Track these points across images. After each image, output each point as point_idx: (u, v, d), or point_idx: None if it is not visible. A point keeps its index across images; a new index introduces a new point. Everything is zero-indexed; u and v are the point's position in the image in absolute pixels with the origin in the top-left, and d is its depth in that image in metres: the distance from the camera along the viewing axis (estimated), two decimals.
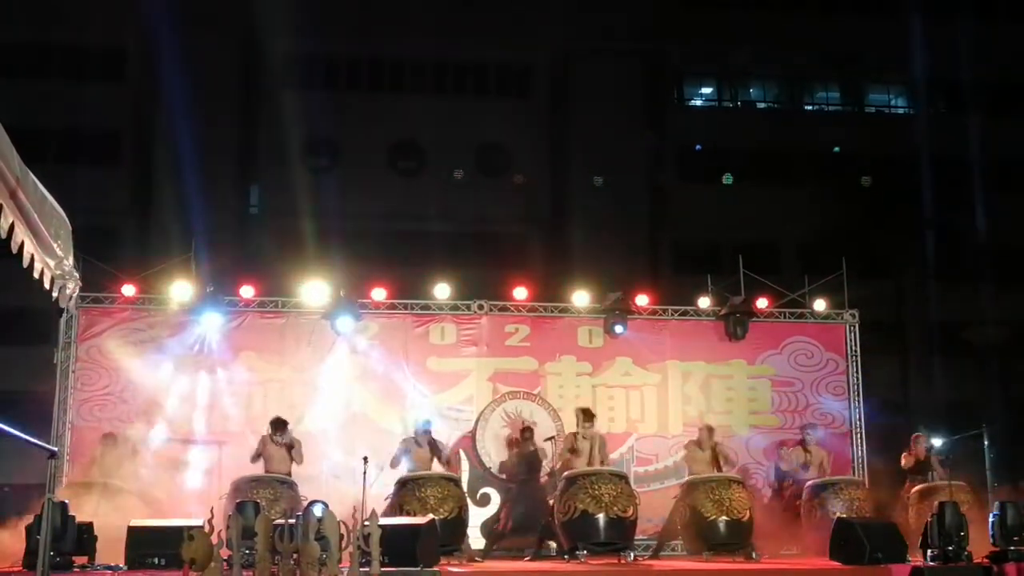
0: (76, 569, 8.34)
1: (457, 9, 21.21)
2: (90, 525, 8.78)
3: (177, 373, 11.84)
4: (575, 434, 10.60)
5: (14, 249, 4.55)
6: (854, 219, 21.57)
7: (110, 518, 9.21)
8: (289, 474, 10.47)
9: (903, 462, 11.51)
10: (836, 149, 23.30)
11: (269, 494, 9.82)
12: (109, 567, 8.49)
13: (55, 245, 4.99)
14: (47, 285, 5.35)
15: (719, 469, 10.75)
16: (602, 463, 10.28)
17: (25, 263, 4.81)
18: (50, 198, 4.79)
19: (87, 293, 11.19)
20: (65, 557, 8.21)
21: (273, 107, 21.19)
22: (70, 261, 5.36)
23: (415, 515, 9.10)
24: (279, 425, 10.57)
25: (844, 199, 22.23)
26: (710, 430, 11.15)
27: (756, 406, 12.82)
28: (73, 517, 8.53)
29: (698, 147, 23.21)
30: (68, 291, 5.53)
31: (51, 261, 5.10)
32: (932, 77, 23.78)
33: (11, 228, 4.33)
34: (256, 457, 10.52)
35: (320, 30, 20.72)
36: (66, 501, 8.65)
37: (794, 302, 13.21)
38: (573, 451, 10.39)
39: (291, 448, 10.52)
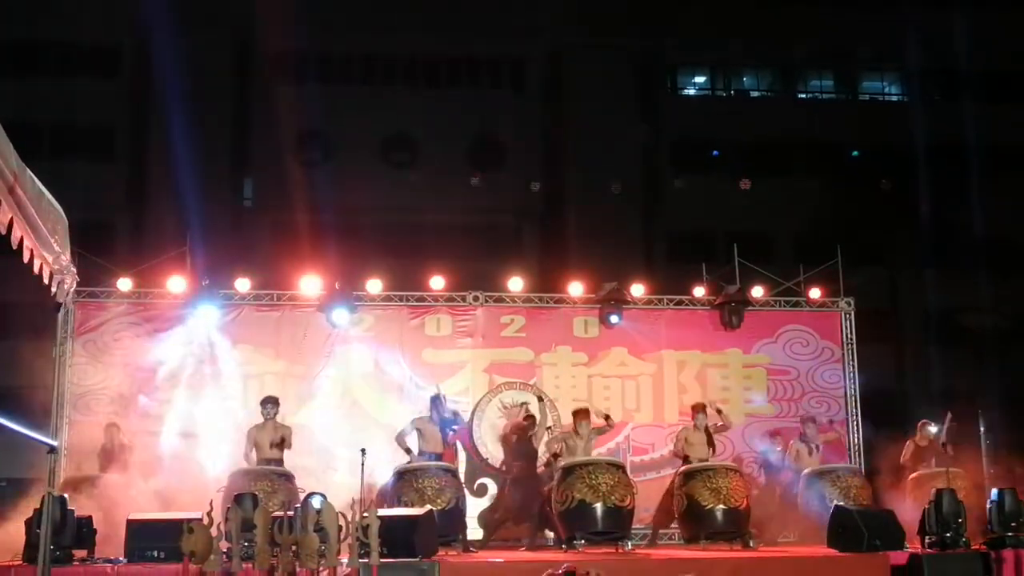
0: (76, 563, 8.35)
1: (449, 2, 21.15)
2: (89, 519, 8.80)
3: (173, 367, 11.85)
4: (569, 435, 10.61)
5: (14, 245, 4.56)
6: (848, 207, 21.60)
7: (108, 512, 9.22)
8: (281, 461, 10.45)
9: (904, 452, 11.50)
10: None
11: (266, 486, 9.81)
12: (109, 560, 8.49)
13: (52, 240, 4.99)
14: (46, 280, 5.35)
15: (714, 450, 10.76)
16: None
17: (25, 259, 4.82)
18: (47, 193, 4.79)
19: (83, 288, 11.16)
20: (65, 551, 8.21)
21: (266, 101, 21.13)
22: (67, 256, 5.36)
23: (413, 506, 9.12)
24: (269, 401, 10.53)
25: (838, 187, 22.24)
26: (703, 408, 11.06)
27: (752, 395, 12.86)
28: (72, 511, 8.54)
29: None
30: (66, 286, 5.53)
31: (49, 256, 5.10)
32: (926, 65, 23.78)
33: (10, 224, 4.33)
34: (249, 452, 10.48)
35: (313, 25, 20.65)
36: (65, 495, 8.65)
37: (789, 291, 13.23)
38: (568, 448, 10.40)
39: (283, 440, 10.48)
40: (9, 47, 20.50)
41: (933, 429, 11.58)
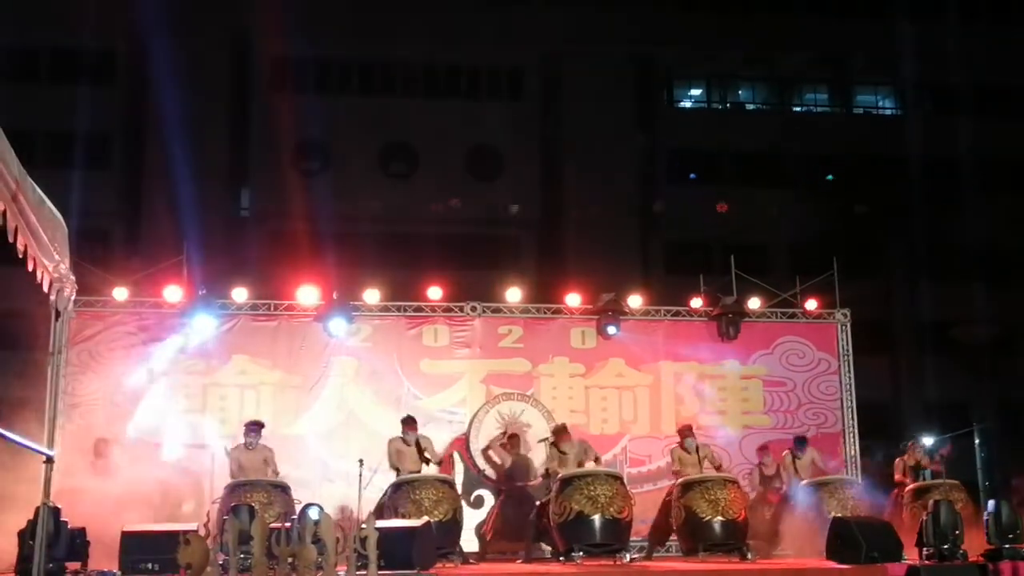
0: (69, 575, 8.26)
1: (447, 12, 21.20)
2: (83, 531, 8.70)
3: (169, 377, 11.79)
4: (554, 457, 10.53)
5: (19, 253, 4.53)
6: (843, 220, 21.68)
7: (102, 523, 9.13)
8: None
9: (896, 473, 11.50)
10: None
11: (263, 498, 9.70)
12: (103, 573, 8.41)
13: (53, 248, 4.96)
14: (45, 288, 5.32)
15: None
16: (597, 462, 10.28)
17: (29, 267, 4.80)
18: (47, 201, 4.77)
19: (78, 297, 11.04)
20: (58, 563, 8.10)
21: (264, 110, 21.13)
22: (67, 264, 5.33)
23: (410, 517, 9.06)
24: (254, 427, 10.37)
25: (833, 199, 22.32)
26: (690, 429, 11.00)
27: (748, 406, 12.87)
28: (66, 523, 8.44)
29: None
30: (65, 294, 5.50)
31: (49, 264, 5.07)
32: (919, 78, 23.92)
33: (15, 231, 4.31)
34: (235, 473, 10.36)
35: (311, 33, 20.66)
36: (59, 506, 8.56)
37: (785, 302, 13.26)
38: (560, 464, 10.34)
39: (265, 460, 10.35)
40: (5, 54, 20.47)
41: (927, 443, 11.57)
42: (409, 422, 10.37)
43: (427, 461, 10.20)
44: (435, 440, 10.97)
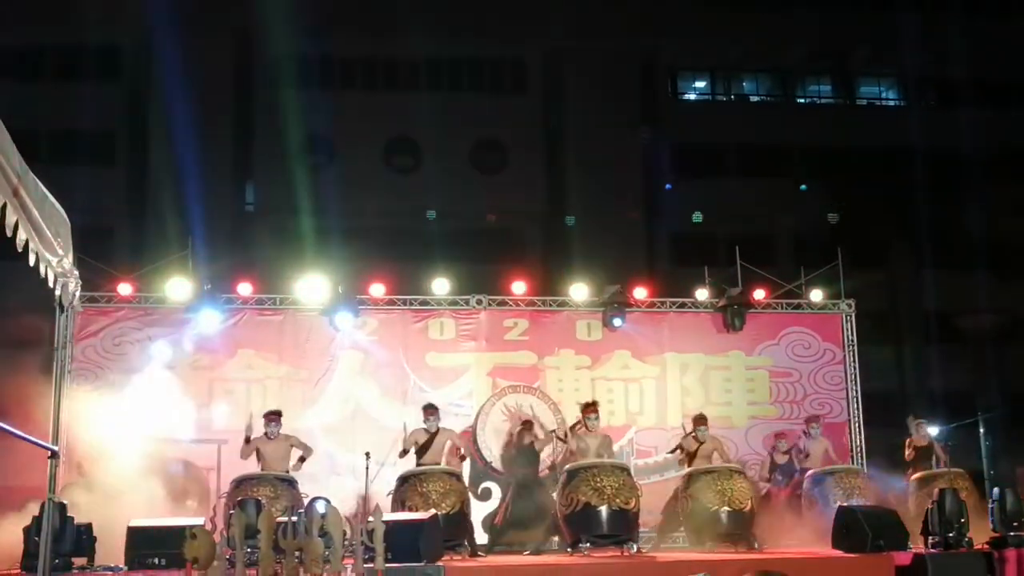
0: (75, 570, 8.26)
1: (451, 6, 21.19)
2: (89, 526, 8.71)
3: (174, 372, 11.81)
4: (576, 430, 10.55)
5: (19, 248, 4.54)
6: (848, 210, 21.65)
7: (109, 518, 9.15)
8: (287, 471, 10.36)
9: (907, 452, 11.51)
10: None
11: (269, 492, 9.70)
12: (109, 568, 8.42)
13: (56, 243, 4.98)
14: (50, 284, 5.34)
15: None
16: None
17: (31, 262, 4.80)
18: (50, 196, 4.77)
19: (83, 293, 11.07)
20: (64, 559, 8.11)
21: (269, 105, 21.14)
22: (70, 259, 5.34)
23: (417, 510, 9.07)
24: (273, 417, 10.39)
25: (837, 190, 22.30)
26: (703, 419, 11.02)
27: (754, 397, 12.88)
28: (72, 518, 8.45)
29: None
30: (70, 289, 5.51)
31: (53, 259, 5.09)
32: (922, 70, 23.89)
33: (15, 226, 4.31)
34: (247, 454, 10.33)
35: (315, 29, 20.69)
36: (65, 502, 8.58)
37: (791, 293, 13.26)
38: (579, 450, 10.34)
39: (291, 446, 10.36)
40: (10, 51, 20.49)
41: (932, 431, 11.56)
42: (431, 408, 10.41)
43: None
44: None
